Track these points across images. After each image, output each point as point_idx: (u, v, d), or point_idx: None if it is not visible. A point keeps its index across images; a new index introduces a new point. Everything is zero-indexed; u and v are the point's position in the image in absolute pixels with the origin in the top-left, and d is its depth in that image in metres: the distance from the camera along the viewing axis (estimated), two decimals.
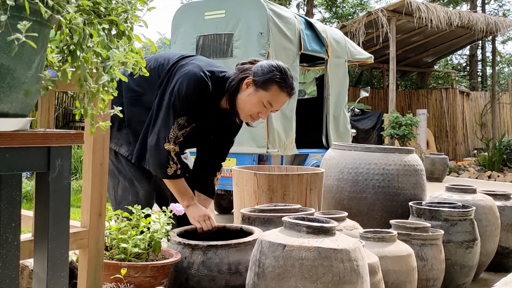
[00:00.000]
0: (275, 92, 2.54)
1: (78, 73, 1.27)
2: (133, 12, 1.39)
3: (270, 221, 2.67)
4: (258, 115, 2.61)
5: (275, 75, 2.52)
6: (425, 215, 3.33)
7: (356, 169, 3.70)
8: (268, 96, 2.54)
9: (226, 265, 2.27)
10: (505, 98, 15.48)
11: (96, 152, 1.84)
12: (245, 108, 2.60)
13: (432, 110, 15.40)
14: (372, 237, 2.75)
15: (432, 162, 10.78)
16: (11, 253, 1.30)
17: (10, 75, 1.16)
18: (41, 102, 1.92)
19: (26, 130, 1.26)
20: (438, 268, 2.99)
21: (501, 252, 3.87)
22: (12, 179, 1.28)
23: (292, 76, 2.63)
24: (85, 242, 1.82)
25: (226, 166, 5.23)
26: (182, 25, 5.71)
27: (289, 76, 2.58)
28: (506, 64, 25.18)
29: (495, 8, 22.52)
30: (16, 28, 1.11)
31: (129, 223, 2.38)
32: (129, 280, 2.14)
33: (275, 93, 2.54)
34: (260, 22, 5.20)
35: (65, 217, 1.35)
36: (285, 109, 5.33)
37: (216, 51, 5.46)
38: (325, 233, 2.03)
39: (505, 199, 4.00)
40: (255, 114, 2.61)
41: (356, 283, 1.97)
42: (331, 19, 18.49)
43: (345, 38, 6.88)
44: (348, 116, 6.72)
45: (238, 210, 3.29)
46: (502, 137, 13.26)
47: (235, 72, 2.72)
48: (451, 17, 11.68)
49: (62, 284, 1.35)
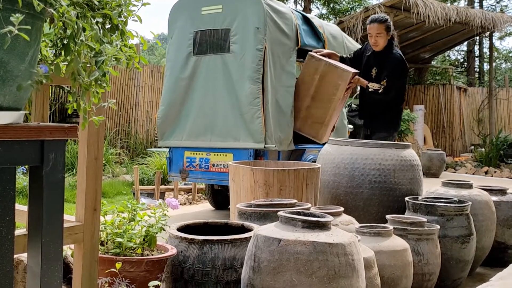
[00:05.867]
0: None
1: (71, 66, 1.27)
2: (127, 6, 1.39)
3: (266, 216, 2.68)
4: None
5: None
6: (421, 210, 3.33)
7: (353, 164, 3.70)
8: None
9: (221, 260, 2.27)
10: (502, 94, 15.48)
11: (91, 146, 1.84)
12: None
13: (430, 106, 15.41)
14: (368, 232, 2.76)
15: (429, 158, 10.80)
16: (5, 248, 1.29)
17: (3, 68, 1.16)
18: (35, 96, 1.91)
19: (19, 124, 1.26)
20: (434, 262, 3.00)
21: (497, 247, 3.88)
22: (6, 173, 1.28)
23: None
24: (80, 236, 1.82)
25: (223, 161, 5.23)
26: (178, 21, 5.70)
27: None
28: (504, 60, 25.20)
29: (492, 4, 22.51)
30: (9, 21, 1.10)
31: (125, 218, 2.38)
32: (124, 274, 2.14)
33: None
34: (257, 17, 5.19)
35: (59, 211, 1.35)
36: (281, 103, 5.33)
37: (213, 46, 5.45)
38: (320, 228, 2.03)
39: (501, 194, 4.01)
40: None
41: (351, 277, 1.98)
42: (328, 14, 18.46)
43: (342, 33, 6.87)
44: (345, 111, 6.72)
45: (235, 205, 3.30)
46: (499, 133, 13.27)
47: None
48: (448, 13, 11.67)
49: (56, 278, 1.35)
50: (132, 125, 11.05)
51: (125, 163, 9.50)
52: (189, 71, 5.52)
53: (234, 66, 5.24)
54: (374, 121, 4.88)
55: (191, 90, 5.50)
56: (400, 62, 4.77)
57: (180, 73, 5.56)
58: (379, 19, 4.78)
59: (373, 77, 4.80)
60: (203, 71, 5.44)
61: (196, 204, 6.90)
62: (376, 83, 4.72)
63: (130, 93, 11.19)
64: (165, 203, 2.53)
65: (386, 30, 4.72)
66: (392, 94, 4.73)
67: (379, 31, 4.71)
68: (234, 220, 2.87)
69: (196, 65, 5.49)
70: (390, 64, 4.73)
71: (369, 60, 4.89)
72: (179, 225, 2.54)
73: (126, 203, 2.52)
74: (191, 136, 5.47)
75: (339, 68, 4.85)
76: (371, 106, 4.87)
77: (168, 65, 5.73)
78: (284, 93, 5.37)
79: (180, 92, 5.54)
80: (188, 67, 5.53)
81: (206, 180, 5.57)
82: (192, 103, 5.48)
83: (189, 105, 5.50)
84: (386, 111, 4.82)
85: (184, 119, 5.52)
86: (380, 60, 4.79)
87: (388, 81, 4.66)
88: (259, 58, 5.11)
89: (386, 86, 4.66)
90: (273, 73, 5.27)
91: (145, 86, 11.34)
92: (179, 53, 5.61)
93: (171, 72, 5.65)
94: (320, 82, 4.95)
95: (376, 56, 4.81)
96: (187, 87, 5.51)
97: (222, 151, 5.30)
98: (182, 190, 7.36)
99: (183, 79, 5.53)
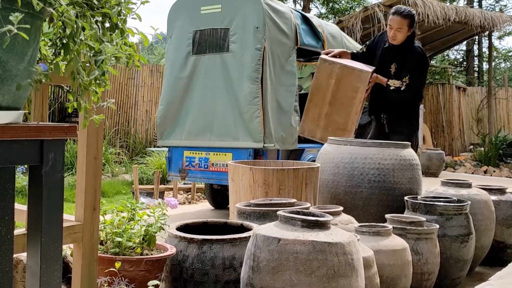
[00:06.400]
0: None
1: (71, 65, 1.27)
2: (126, 5, 1.39)
3: (265, 215, 2.68)
4: None
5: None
6: (420, 209, 3.33)
7: (352, 163, 3.70)
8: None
9: (221, 259, 2.27)
10: (501, 94, 15.49)
11: (90, 146, 1.84)
12: None
13: (429, 105, 15.41)
14: (367, 231, 2.76)
15: (429, 157, 10.80)
16: (5, 247, 1.29)
17: (2, 68, 1.16)
18: (34, 95, 1.91)
19: (19, 123, 1.26)
20: (433, 262, 3.00)
21: (496, 246, 3.88)
22: (5, 173, 1.28)
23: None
24: (79, 236, 1.82)
25: (222, 161, 5.23)
26: (178, 20, 5.70)
27: None
28: (503, 60, 25.20)
29: (491, 4, 22.51)
30: (8, 20, 1.10)
31: (124, 217, 2.38)
32: (123, 274, 2.14)
33: None
34: (256, 16, 5.19)
35: (59, 210, 1.35)
36: (282, 103, 5.34)
37: (212, 45, 5.45)
38: (319, 227, 2.03)
39: (500, 193, 4.01)
40: None
41: (350, 276, 1.98)
42: (327, 14, 18.46)
43: (341, 33, 6.87)
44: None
45: (234, 204, 3.30)
46: (498, 133, 13.28)
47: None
48: (447, 13, 11.68)
49: (55, 277, 1.35)
50: (131, 125, 11.05)
51: (125, 163, 9.51)
52: (188, 70, 5.52)
53: (233, 66, 5.24)
54: (395, 122, 4.48)
55: (191, 90, 5.50)
56: (423, 57, 4.45)
57: (180, 72, 5.56)
58: (404, 13, 4.32)
59: (392, 73, 4.43)
60: (202, 70, 5.44)
61: (195, 203, 6.91)
62: (396, 80, 4.36)
63: (129, 92, 11.19)
64: (164, 203, 2.53)
65: (408, 25, 4.33)
66: (413, 92, 4.40)
67: (400, 26, 4.31)
68: (234, 220, 2.87)
69: (195, 65, 5.49)
70: (413, 59, 4.38)
71: (386, 54, 4.49)
72: (178, 224, 2.54)
73: (125, 202, 2.52)
74: (191, 136, 5.47)
75: (356, 70, 4.44)
76: (388, 105, 4.48)
77: (167, 65, 5.73)
78: (285, 93, 5.38)
79: (180, 92, 5.54)
80: (187, 66, 5.53)
81: (205, 180, 5.58)
82: (192, 102, 5.48)
83: (189, 104, 5.50)
84: (407, 109, 4.49)
85: (183, 118, 5.52)
86: (400, 55, 4.41)
87: (410, 77, 4.30)
88: (258, 57, 5.11)
89: (408, 83, 4.31)
90: (273, 72, 5.27)
91: (145, 86, 11.34)
92: (178, 52, 5.61)
93: (170, 72, 5.65)
94: (336, 86, 4.51)
95: (396, 50, 4.43)
96: (186, 86, 5.51)
97: (221, 151, 5.30)
98: (182, 190, 7.36)
99: (182, 78, 5.53)
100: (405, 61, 4.37)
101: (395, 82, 4.35)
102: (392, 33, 4.35)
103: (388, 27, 4.41)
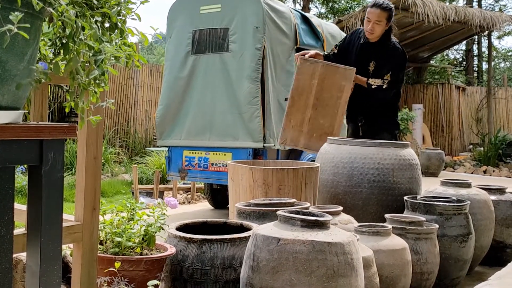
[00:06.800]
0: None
1: (70, 65, 1.27)
2: (126, 5, 1.39)
3: (265, 215, 2.68)
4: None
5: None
6: (420, 209, 3.34)
7: (351, 163, 3.70)
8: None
9: (220, 259, 2.27)
10: (501, 93, 15.50)
11: (90, 145, 1.84)
12: None
13: (428, 105, 15.41)
14: (367, 231, 2.76)
15: (428, 157, 10.81)
16: (5, 247, 1.29)
17: (1, 67, 1.16)
18: (34, 95, 1.91)
19: (18, 123, 1.26)
20: (432, 262, 3.00)
21: (496, 246, 3.88)
22: (5, 172, 1.28)
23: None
24: (79, 236, 1.82)
25: (221, 161, 5.23)
26: (177, 20, 5.70)
27: None
28: (502, 59, 25.22)
29: (491, 3, 22.52)
30: (8, 19, 1.10)
31: (124, 217, 2.38)
32: (123, 273, 2.14)
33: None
34: (255, 16, 5.20)
35: (58, 210, 1.35)
36: (282, 102, 5.34)
37: (212, 45, 5.45)
38: (319, 227, 2.03)
39: (499, 193, 4.01)
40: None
41: (350, 276, 1.98)
42: (327, 14, 18.47)
43: (341, 33, 6.88)
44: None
45: (234, 204, 3.30)
46: (497, 132, 13.28)
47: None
48: (447, 12, 11.68)
49: (55, 277, 1.35)
50: (131, 125, 11.04)
51: (124, 163, 9.50)
52: (187, 70, 5.52)
53: (233, 65, 5.24)
54: (376, 122, 4.34)
55: (190, 89, 5.50)
56: (402, 53, 4.31)
57: (179, 72, 5.56)
58: (383, 6, 4.18)
59: (370, 71, 4.28)
60: (202, 70, 5.45)
61: (195, 203, 6.91)
62: (376, 78, 4.21)
63: (129, 92, 11.19)
64: (164, 202, 2.53)
65: (387, 19, 4.19)
66: (395, 90, 4.29)
67: (380, 19, 4.16)
68: (233, 219, 2.87)
69: (195, 64, 5.49)
70: (393, 56, 4.25)
71: (363, 51, 4.32)
72: (178, 224, 2.54)
73: (125, 202, 2.52)
74: (190, 135, 5.47)
75: (340, 67, 4.21)
76: (369, 106, 4.32)
77: (167, 64, 5.74)
78: (285, 92, 5.38)
79: (179, 91, 5.54)
80: (187, 66, 5.53)
81: (205, 179, 5.58)
82: (191, 102, 5.49)
83: (188, 104, 5.50)
84: (388, 109, 4.37)
85: (183, 118, 5.52)
86: (379, 52, 4.26)
87: (392, 75, 4.17)
88: (258, 57, 5.11)
89: (390, 80, 4.18)
90: (273, 72, 5.27)
91: (144, 86, 11.34)
92: (177, 52, 5.61)
93: (170, 71, 5.65)
94: (320, 86, 4.23)
95: (374, 47, 4.28)
96: (186, 86, 5.52)
97: (221, 150, 5.30)
98: (181, 189, 7.36)
99: (181, 78, 5.53)
100: (385, 58, 4.24)
101: (376, 80, 4.21)
102: (370, 26, 4.18)
103: (365, 20, 4.24)
